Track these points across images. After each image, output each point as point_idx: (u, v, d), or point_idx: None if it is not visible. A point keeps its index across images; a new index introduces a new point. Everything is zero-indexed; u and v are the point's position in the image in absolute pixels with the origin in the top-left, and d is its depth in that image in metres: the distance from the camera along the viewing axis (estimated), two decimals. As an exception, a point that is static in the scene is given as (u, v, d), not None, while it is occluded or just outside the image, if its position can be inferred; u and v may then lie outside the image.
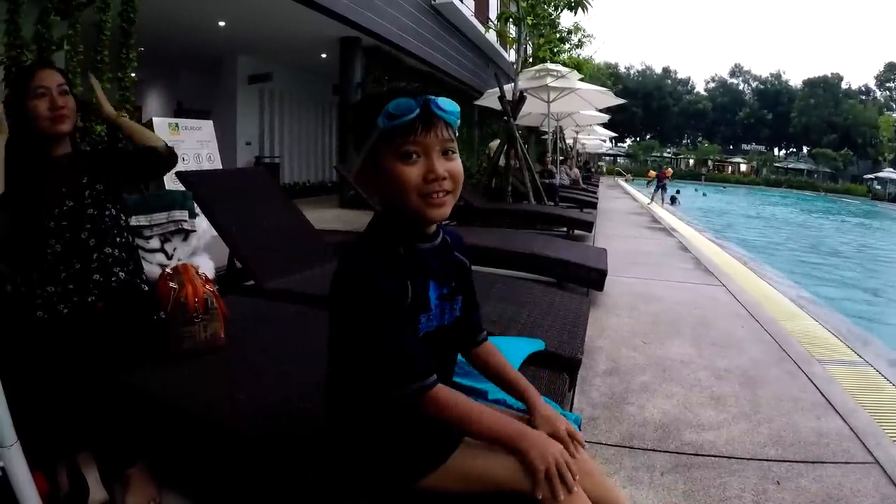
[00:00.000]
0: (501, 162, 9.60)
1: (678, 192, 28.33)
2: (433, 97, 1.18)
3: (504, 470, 1.19)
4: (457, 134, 1.23)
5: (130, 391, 1.82)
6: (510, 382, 1.42)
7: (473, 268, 1.49)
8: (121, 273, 1.96)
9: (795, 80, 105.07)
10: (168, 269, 2.19)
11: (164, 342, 2.01)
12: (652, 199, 21.38)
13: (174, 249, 3.01)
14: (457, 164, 1.21)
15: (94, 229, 1.92)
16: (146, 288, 2.07)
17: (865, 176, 61.07)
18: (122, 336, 1.88)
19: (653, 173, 28.41)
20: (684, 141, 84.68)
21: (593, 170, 32.20)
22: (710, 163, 71.67)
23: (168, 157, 2.09)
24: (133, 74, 5.75)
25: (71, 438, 1.80)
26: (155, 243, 2.95)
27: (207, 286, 2.14)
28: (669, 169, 28.45)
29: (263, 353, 2.18)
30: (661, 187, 23.05)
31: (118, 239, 2.00)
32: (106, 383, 1.79)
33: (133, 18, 5.64)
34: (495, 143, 13.65)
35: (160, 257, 2.94)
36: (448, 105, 1.20)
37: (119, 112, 2.14)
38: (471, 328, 1.45)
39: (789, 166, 71.33)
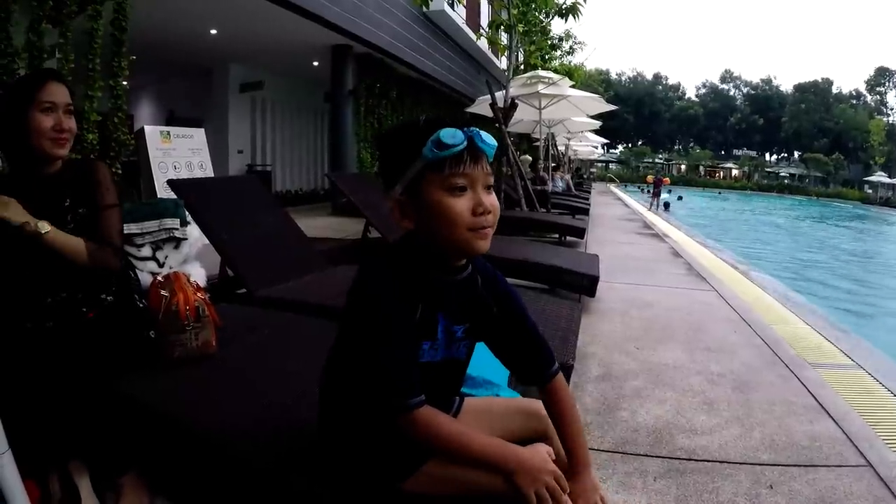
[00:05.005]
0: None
1: (680, 198, 28.57)
2: (477, 130, 1.19)
3: (479, 473, 1.19)
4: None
5: (122, 399, 1.80)
6: (566, 434, 1.33)
7: None
8: (108, 298, 1.94)
9: (786, 85, 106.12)
10: (159, 278, 2.18)
11: (155, 351, 2.00)
12: (650, 207, 21.53)
13: (165, 257, 3.01)
14: (496, 199, 1.23)
15: None
16: (141, 305, 2.05)
17: (866, 179, 61.54)
18: (112, 345, 1.86)
19: (651, 178, 28.74)
20: (676, 147, 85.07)
21: (585, 176, 32.34)
22: (701, 168, 71.97)
23: (96, 266, 1.85)
24: (125, 82, 5.74)
25: (62, 446, 1.77)
26: (146, 251, 2.95)
27: (199, 294, 2.13)
28: (667, 178, 28.76)
29: (255, 361, 2.18)
30: (657, 194, 23.27)
31: None
32: (97, 391, 1.77)
33: (124, 26, 5.64)
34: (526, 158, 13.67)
35: (151, 265, 2.94)
36: (489, 139, 1.21)
37: (37, 224, 1.73)
38: (534, 363, 1.38)
39: (781, 171, 71.76)
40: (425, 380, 1.19)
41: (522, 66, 14.39)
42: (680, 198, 30.62)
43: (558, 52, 19.26)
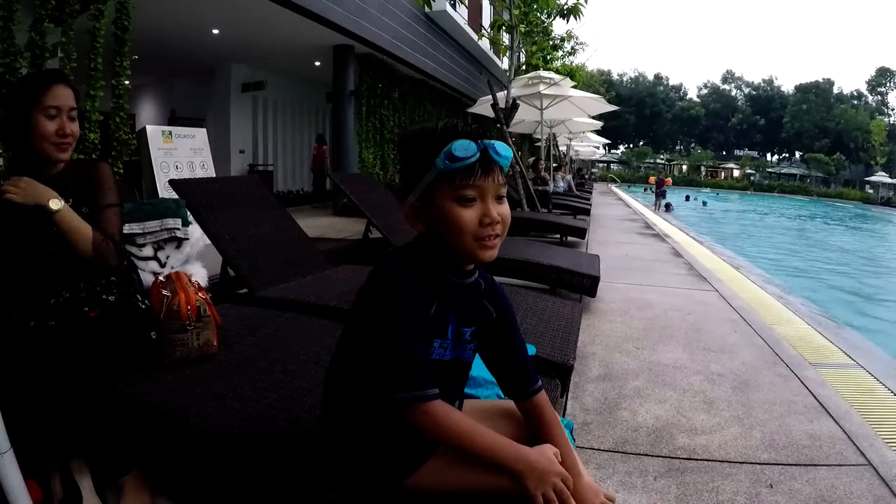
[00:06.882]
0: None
1: (687, 198, 28.60)
2: (491, 141, 1.22)
3: (483, 472, 1.19)
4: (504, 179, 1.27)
5: (123, 398, 1.81)
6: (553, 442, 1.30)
7: None
8: (109, 297, 1.95)
9: (787, 85, 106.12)
10: (161, 277, 2.19)
11: (156, 351, 2.00)
12: (655, 208, 21.56)
13: (167, 257, 3.01)
14: (506, 208, 1.25)
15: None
16: (143, 305, 2.06)
17: (867, 179, 61.58)
18: (113, 345, 1.87)
19: (653, 179, 28.95)
20: (677, 147, 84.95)
21: (586, 177, 32.39)
22: (703, 169, 71.87)
23: (97, 259, 1.87)
24: (127, 82, 5.75)
25: (64, 446, 1.79)
26: (148, 251, 2.95)
27: (200, 294, 2.13)
28: (669, 179, 28.95)
29: (256, 360, 2.18)
30: (660, 194, 23.32)
31: None
32: (99, 391, 1.78)
33: (127, 26, 5.64)
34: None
35: (153, 265, 2.94)
36: (504, 150, 1.23)
37: (49, 201, 1.77)
38: (518, 376, 1.40)
39: (782, 171, 71.63)
40: (434, 377, 1.20)
41: (524, 67, 14.40)
42: (687, 198, 30.69)
43: (560, 53, 19.22)
